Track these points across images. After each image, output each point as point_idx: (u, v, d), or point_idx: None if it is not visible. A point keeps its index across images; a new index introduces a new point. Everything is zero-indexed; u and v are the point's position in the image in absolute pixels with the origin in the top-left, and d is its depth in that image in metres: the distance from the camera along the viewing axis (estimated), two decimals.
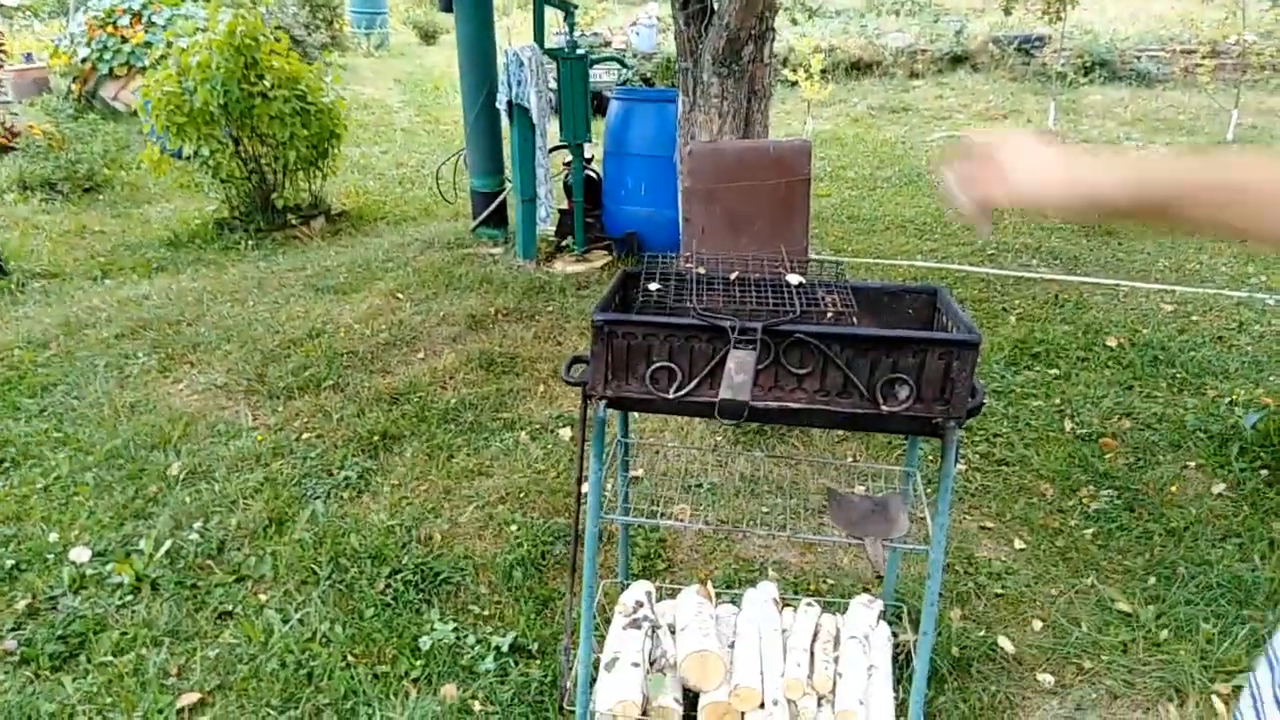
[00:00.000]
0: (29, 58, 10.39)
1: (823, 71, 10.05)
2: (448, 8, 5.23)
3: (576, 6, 5.37)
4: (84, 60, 9.07)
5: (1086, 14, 11.28)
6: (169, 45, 5.91)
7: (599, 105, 9.70)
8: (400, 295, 4.72)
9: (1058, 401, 3.71)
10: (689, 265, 1.86)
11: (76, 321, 4.33)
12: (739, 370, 1.46)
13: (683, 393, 1.66)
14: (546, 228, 5.28)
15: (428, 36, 18.05)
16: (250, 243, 5.87)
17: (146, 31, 9.03)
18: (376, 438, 3.33)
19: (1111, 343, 4.23)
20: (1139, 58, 11.29)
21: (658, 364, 1.66)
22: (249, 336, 4.14)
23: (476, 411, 3.58)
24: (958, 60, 12.00)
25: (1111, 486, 2.99)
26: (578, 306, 4.62)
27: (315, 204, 6.45)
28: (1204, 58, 9.64)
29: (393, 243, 5.69)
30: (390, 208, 6.96)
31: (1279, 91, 10.53)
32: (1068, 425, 3.52)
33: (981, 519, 2.84)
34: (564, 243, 5.51)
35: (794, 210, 3.90)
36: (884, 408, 1.63)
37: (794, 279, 1.76)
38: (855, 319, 1.70)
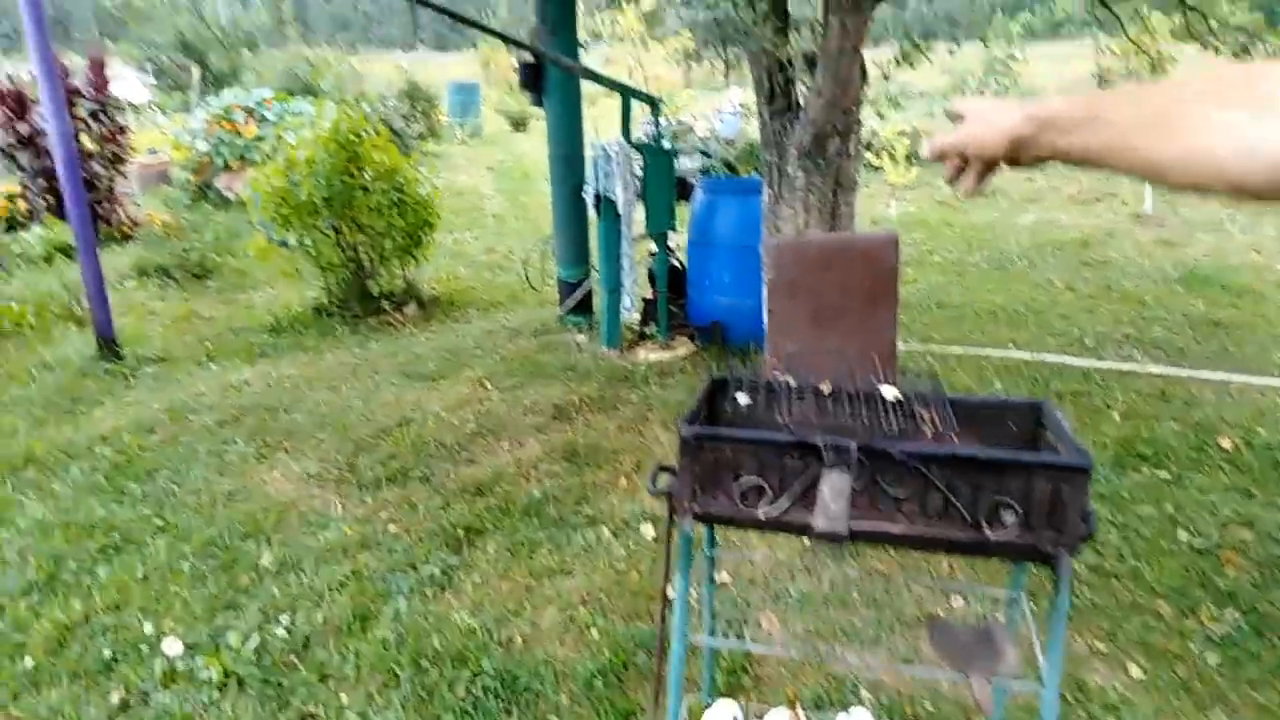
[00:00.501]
0: (153, 152, 11.19)
1: (907, 156, 10.05)
2: (539, 103, 5.43)
3: (662, 101, 5.51)
4: (202, 154, 9.72)
5: None
6: (279, 140, 6.28)
7: (683, 191, 9.89)
8: (488, 383, 4.79)
9: (1170, 509, 3.49)
10: (777, 373, 1.83)
11: (182, 407, 4.52)
12: (834, 497, 1.41)
13: (774, 513, 1.61)
14: (631, 315, 5.33)
15: (518, 124, 18.82)
16: (346, 328, 6.08)
17: (259, 126, 9.64)
18: (461, 531, 3.34)
19: (1225, 443, 3.98)
20: None
21: (747, 480, 1.61)
22: (342, 424, 4.25)
23: (559, 505, 3.57)
24: None
25: (1236, 607, 2.77)
26: (661, 397, 4.60)
27: (409, 290, 6.67)
28: None
29: (481, 329, 5.82)
30: (480, 293, 7.14)
31: None
32: (1182, 535, 3.30)
33: (1092, 639, 2.65)
34: (648, 330, 5.54)
35: (881, 304, 3.82)
36: (989, 534, 1.55)
37: (889, 392, 1.71)
38: (956, 436, 1.63)
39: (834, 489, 1.41)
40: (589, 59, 15.96)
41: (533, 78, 5.27)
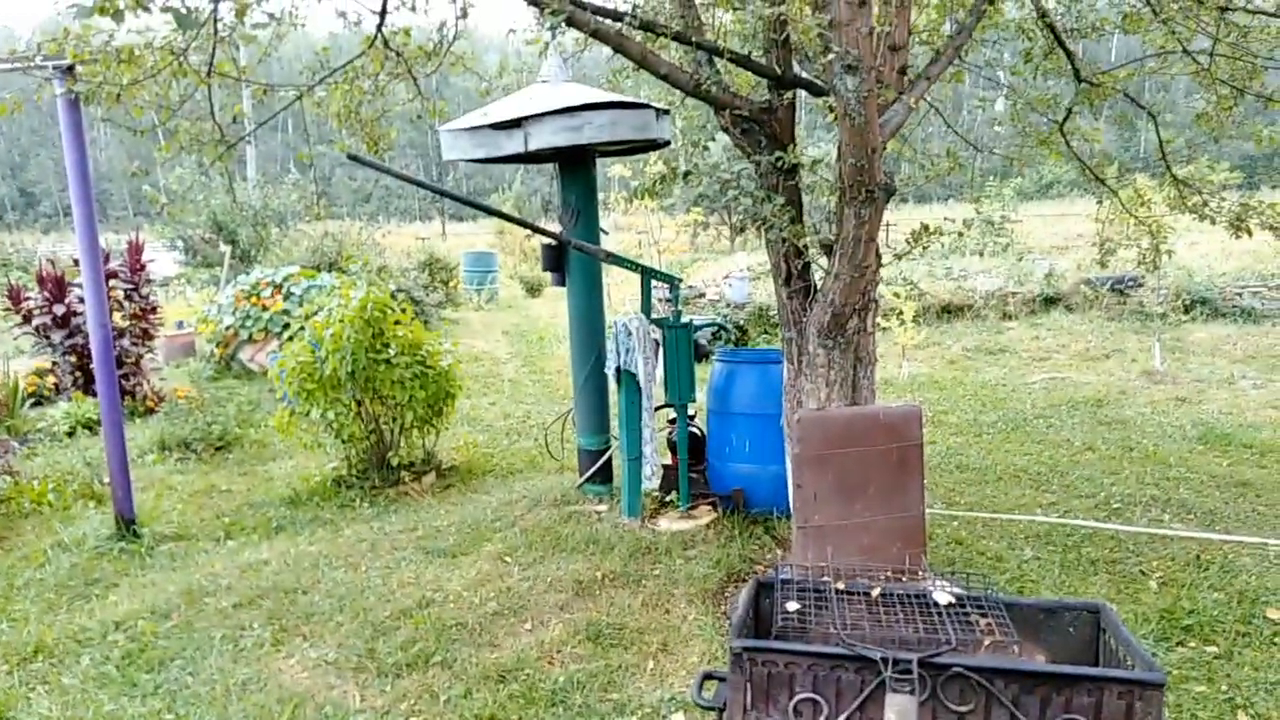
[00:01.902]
0: (180, 325, 11.52)
1: (915, 316, 10.26)
2: (561, 282, 5.61)
3: (681, 280, 5.70)
4: (228, 328, 9.99)
5: (1179, 252, 11.36)
6: (307, 319, 6.47)
7: (696, 354, 10.07)
8: (508, 558, 4.72)
9: (1224, 688, 3.34)
10: (825, 579, 1.80)
11: (198, 589, 4.44)
12: None
13: None
14: (651, 484, 5.30)
15: (533, 290, 19.40)
16: (365, 500, 6.05)
17: (285, 300, 9.96)
18: None
19: (1274, 614, 3.85)
20: (1240, 294, 11.18)
21: (801, 694, 1.56)
22: (360, 607, 4.16)
23: (585, 692, 3.44)
24: (1050, 301, 12.12)
25: None
26: (685, 570, 4.51)
27: (427, 459, 6.68)
28: None
29: (500, 500, 5.78)
30: (498, 460, 7.15)
31: None
32: (1242, 718, 3.14)
33: None
34: (668, 499, 5.50)
35: (907, 475, 3.83)
36: None
37: (942, 597, 1.68)
38: (1018, 647, 1.58)
39: (901, 715, 1.36)
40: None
41: (555, 260, 5.48)
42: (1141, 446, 6.76)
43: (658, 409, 5.35)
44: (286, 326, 9.54)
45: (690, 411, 5.47)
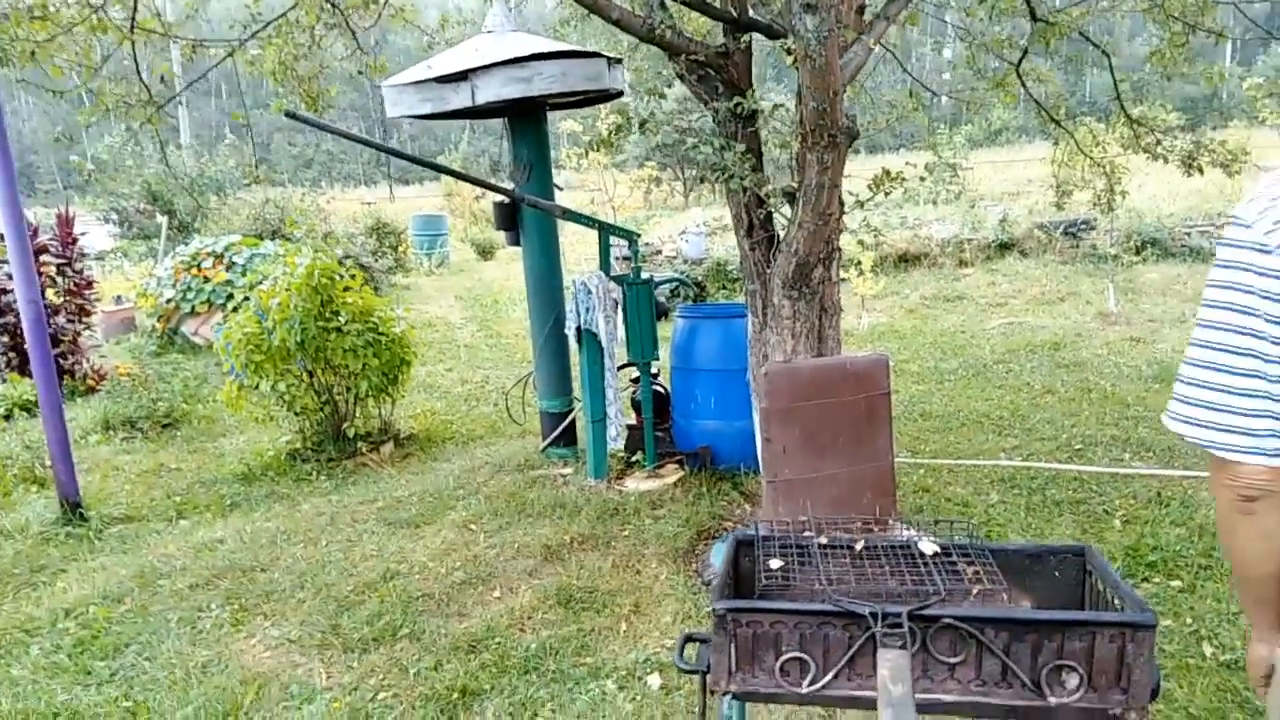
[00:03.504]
0: (119, 300, 11.10)
1: (872, 266, 10.26)
2: (515, 241, 5.46)
3: (639, 235, 5.58)
4: (169, 301, 9.65)
5: (1134, 195, 11.48)
6: (251, 288, 6.23)
7: (659, 312, 9.96)
8: (473, 526, 4.62)
9: (1189, 621, 3.39)
10: (806, 534, 1.73)
11: (151, 572, 4.28)
12: (895, 678, 1.29)
13: (817, 686, 1.49)
14: (616, 445, 5.23)
15: (484, 252, 19.08)
16: (322, 473, 5.89)
17: (228, 271, 9.63)
18: (456, 695, 3.13)
19: None
20: (1189, 234, 11.35)
21: (788, 654, 1.50)
22: (322, 582, 4.04)
23: (558, 658, 3.38)
24: (1005, 247, 12.20)
25: None
26: (654, 529, 4.46)
27: (385, 429, 6.52)
28: None
29: (462, 467, 5.67)
30: (458, 427, 7.01)
31: None
32: (1207, 650, 3.19)
33: None
34: (634, 459, 5.44)
35: (876, 426, 3.79)
36: (1051, 699, 1.44)
37: (927, 547, 1.62)
38: (1006, 595, 1.53)
39: (893, 670, 1.29)
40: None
41: (508, 218, 5.32)
42: (1100, 388, 6.84)
43: (620, 368, 5.26)
44: (230, 297, 9.21)
45: (654, 370, 5.39)
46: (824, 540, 1.70)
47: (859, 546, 1.67)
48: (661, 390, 5.55)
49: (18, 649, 3.69)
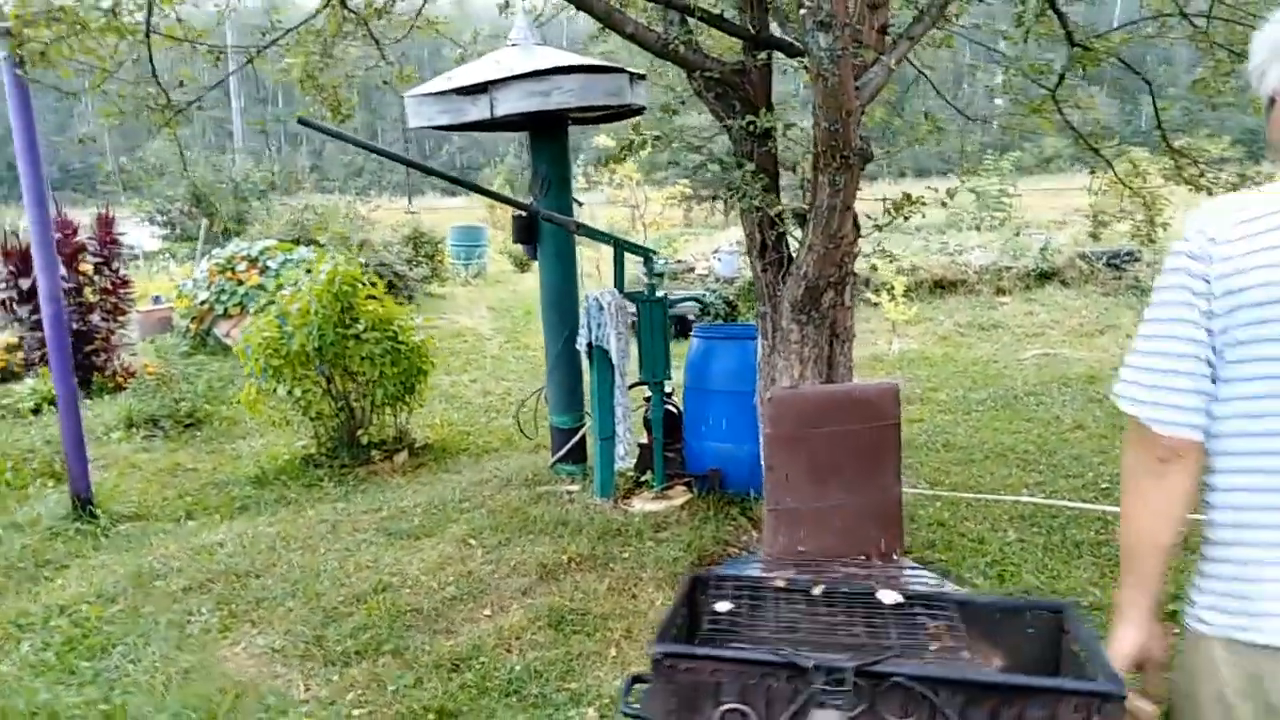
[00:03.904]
0: (157, 299, 11.30)
1: (906, 291, 10.06)
2: (534, 255, 5.42)
3: (656, 253, 5.51)
4: (203, 302, 9.78)
5: (1175, 226, 11.16)
6: (275, 290, 6.27)
7: (682, 329, 9.86)
8: (473, 540, 4.55)
9: None
10: (766, 573, 1.62)
11: (148, 572, 4.28)
12: None
13: None
14: (625, 464, 5.14)
15: (521, 265, 19.11)
16: (333, 480, 5.88)
17: (261, 275, 9.75)
18: (432, 716, 3.06)
19: None
20: None
21: (727, 705, 1.39)
22: (313, 591, 4.00)
23: (542, 681, 3.29)
24: (1045, 276, 11.91)
25: None
26: (655, 553, 4.35)
27: (400, 438, 6.50)
28: None
29: (470, 480, 5.61)
30: (474, 438, 6.98)
31: None
32: None
33: None
34: (643, 478, 5.34)
35: (883, 456, 3.65)
36: None
37: (889, 597, 1.50)
38: (967, 651, 1.41)
39: None
40: (592, 199, 16.36)
41: (526, 231, 5.28)
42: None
43: (631, 387, 5.17)
44: (266, 301, 9.32)
45: (667, 389, 5.30)
46: (781, 583, 1.60)
47: (816, 591, 1.56)
48: (674, 410, 5.45)
49: (9, 645, 3.70)
